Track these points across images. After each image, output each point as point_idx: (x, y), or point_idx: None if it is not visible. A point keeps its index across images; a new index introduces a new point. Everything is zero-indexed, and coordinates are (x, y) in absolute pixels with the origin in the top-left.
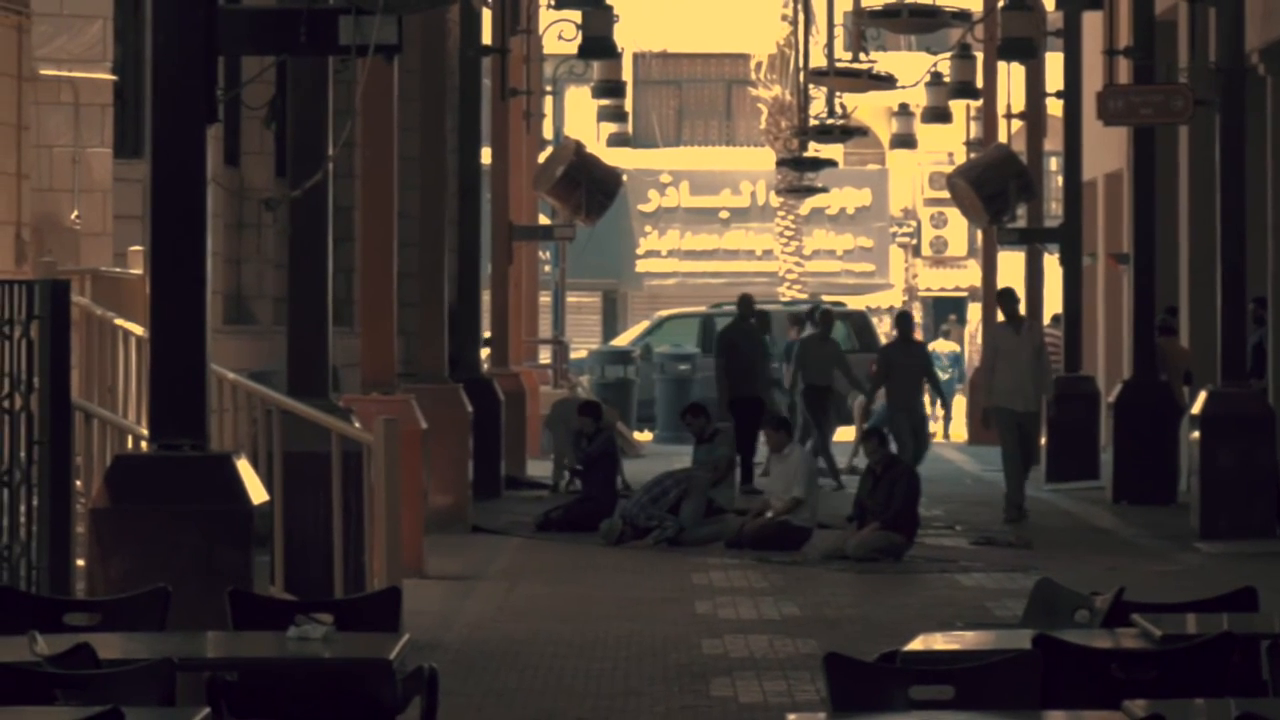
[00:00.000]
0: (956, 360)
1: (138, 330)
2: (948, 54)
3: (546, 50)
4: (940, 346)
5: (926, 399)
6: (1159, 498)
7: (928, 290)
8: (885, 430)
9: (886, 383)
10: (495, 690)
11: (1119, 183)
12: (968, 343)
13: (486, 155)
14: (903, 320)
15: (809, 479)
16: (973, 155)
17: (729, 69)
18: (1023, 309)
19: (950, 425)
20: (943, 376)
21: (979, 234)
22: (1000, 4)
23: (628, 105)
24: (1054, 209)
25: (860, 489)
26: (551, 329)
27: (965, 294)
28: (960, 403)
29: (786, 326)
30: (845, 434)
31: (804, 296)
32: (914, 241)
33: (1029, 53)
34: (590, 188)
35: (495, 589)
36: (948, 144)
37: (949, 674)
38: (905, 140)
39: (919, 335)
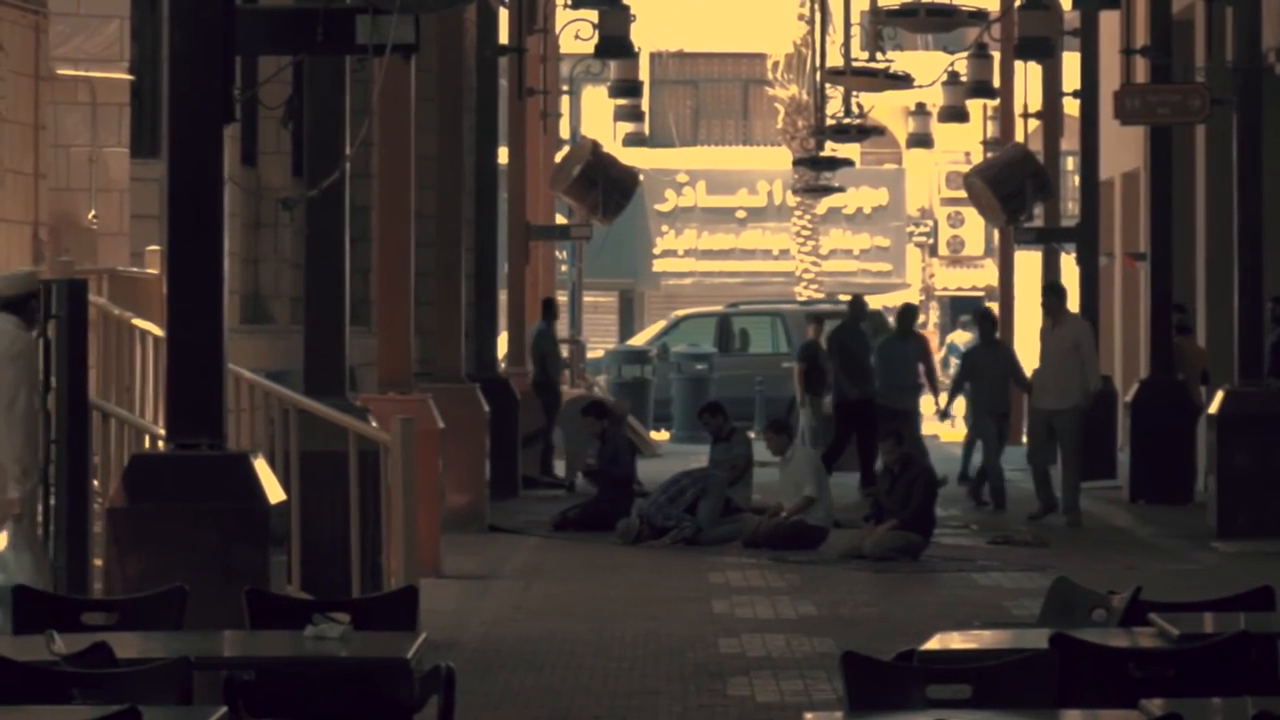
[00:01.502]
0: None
1: (155, 330)
2: (965, 53)
3: (563, 50)
4: (958, 338)
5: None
6: (1176, 497)
7: (944, 290)
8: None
9: (970, 386)
10: (512, 689)
11: (1136, 182)
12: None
13: (503, 155)
14: (985, 320)
15: (817, 477)
16: (990, 154)
17: (746, 68)
18: (1072, 304)
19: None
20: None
21: (996, 233)
22: (1017, 3)
23: (644, 105)
24: (1071, 208)
25: (878, 489)
26: (568, 328)
27: (982, 293)
28: None
29: (803, 327)
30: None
31: (820, 296)
32: (931, 241)
33: (1046, 52)
34: (607, 187)
35: (512, 588)
36: (964, 143)
37: (966, 673)
38: (922, 140)
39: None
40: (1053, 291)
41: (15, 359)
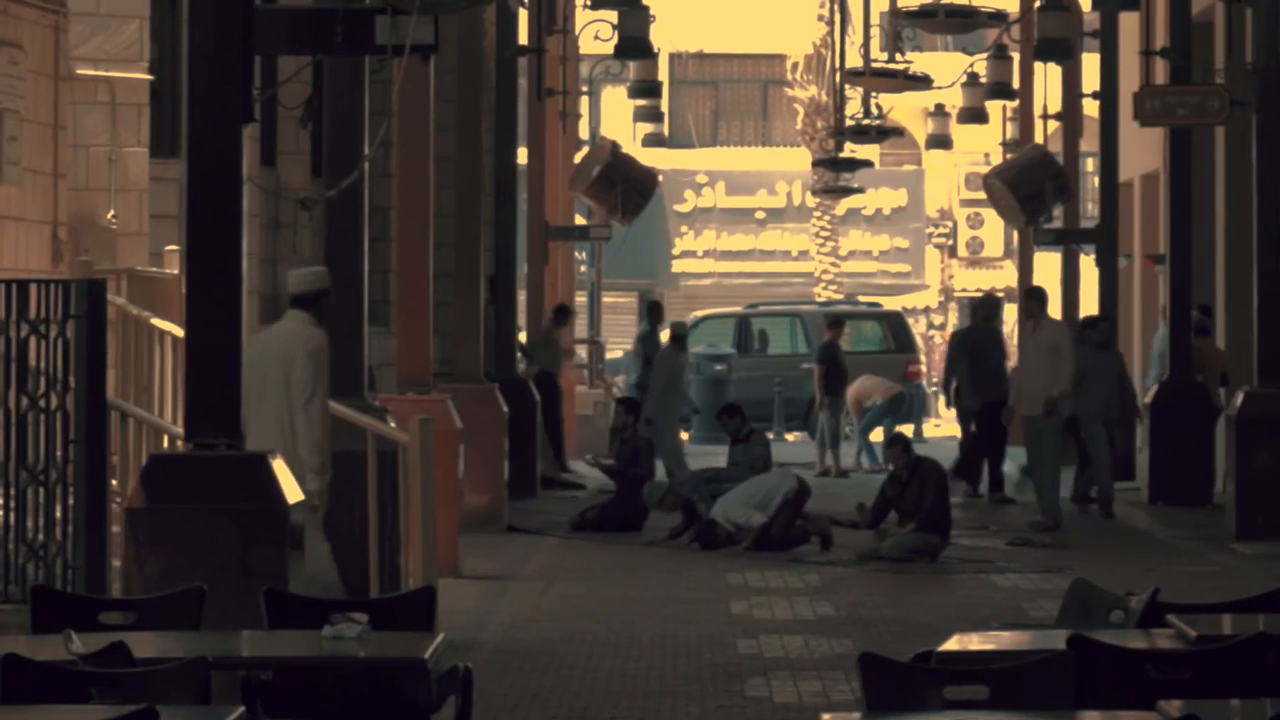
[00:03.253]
0: None
1: (174, 330)
2: (984, 54)
3: (583, 50)
4: None
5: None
6: (1195, 499)
7: (963, 291)
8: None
9: (1077, 392)
10: (530, 690)
11: (1155, 183)
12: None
13: (523, 155)
14: (1098, 324)
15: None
16: (1009, 156)
17: (765, 69)
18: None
19: None
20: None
21: (1015, 235)
22: (1037, 4)
23: (664, 105)
24: (1090, 210)
25: (882, 493)
26: (587, 329)
27: (1002, 295)
28: None
29: (822, 328)
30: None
31: (840, 297)
32: (950, 242)
33: (1065, 53)
34: (626, 188)
35: (530, 589)
36: (984, 144)
37: (984, 674)
38: (941, 141)
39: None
40: (1032, 295)
41: (312, 356)
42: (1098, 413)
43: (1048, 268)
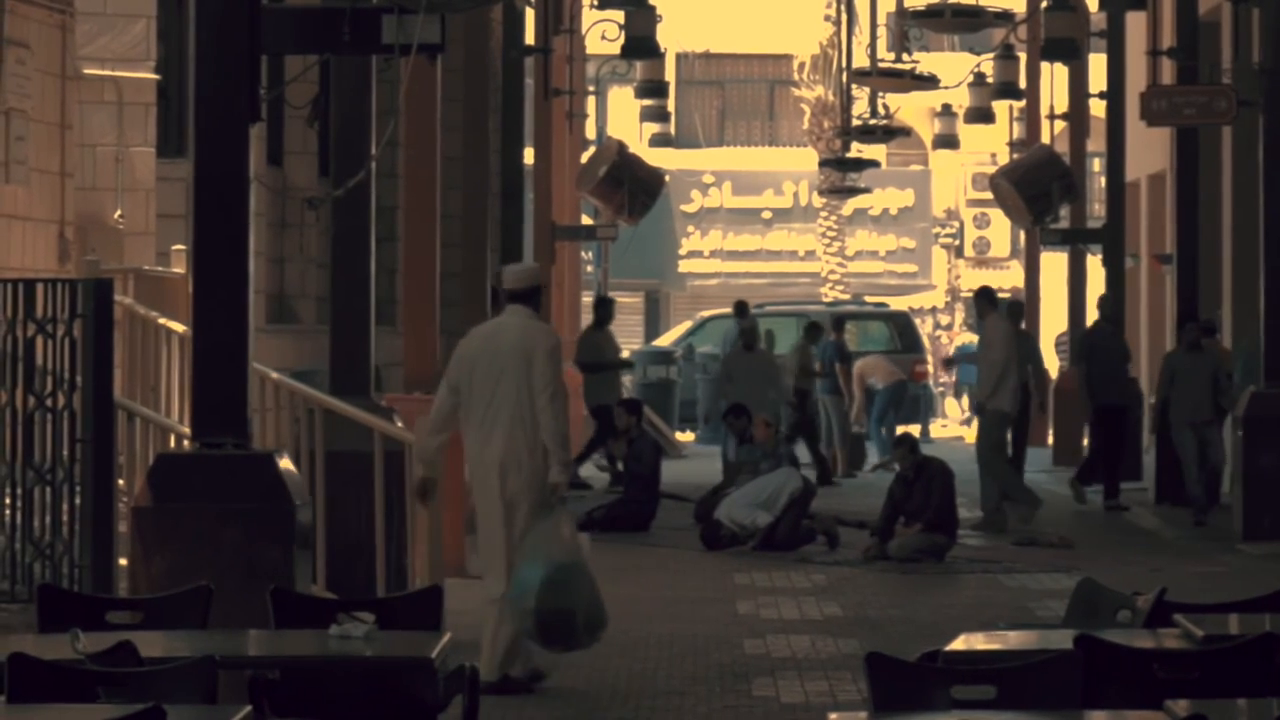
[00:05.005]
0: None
1: (180, 329)
2: (991, 54)
3: (589, 50)
4: (971, 339)
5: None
6: None
7: (970, 291)
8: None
9: (1169, 394)
10: (536, 690)
11: (1162, 183)
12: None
13: (529, 155)
14: (1185, 324)
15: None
16: (1016, 156)
17: (772, 69)
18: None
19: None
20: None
21: (1022, 235)
22: (1044, 4)
23: (670, 105)
24: (1097, 210)
25: (891, 495)
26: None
27: (1008, 295)
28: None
29: (827, 329)
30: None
31: (846, 297)
32: (957, 242)
33: (1072, 53)
34: (633, 188)
35: None
36: (990, 144)
37: (991, 674)
38: (948, 141)
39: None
40: (981, 295)
41: (552, 352)
42: (1184, 417)
43: (1054, 268)
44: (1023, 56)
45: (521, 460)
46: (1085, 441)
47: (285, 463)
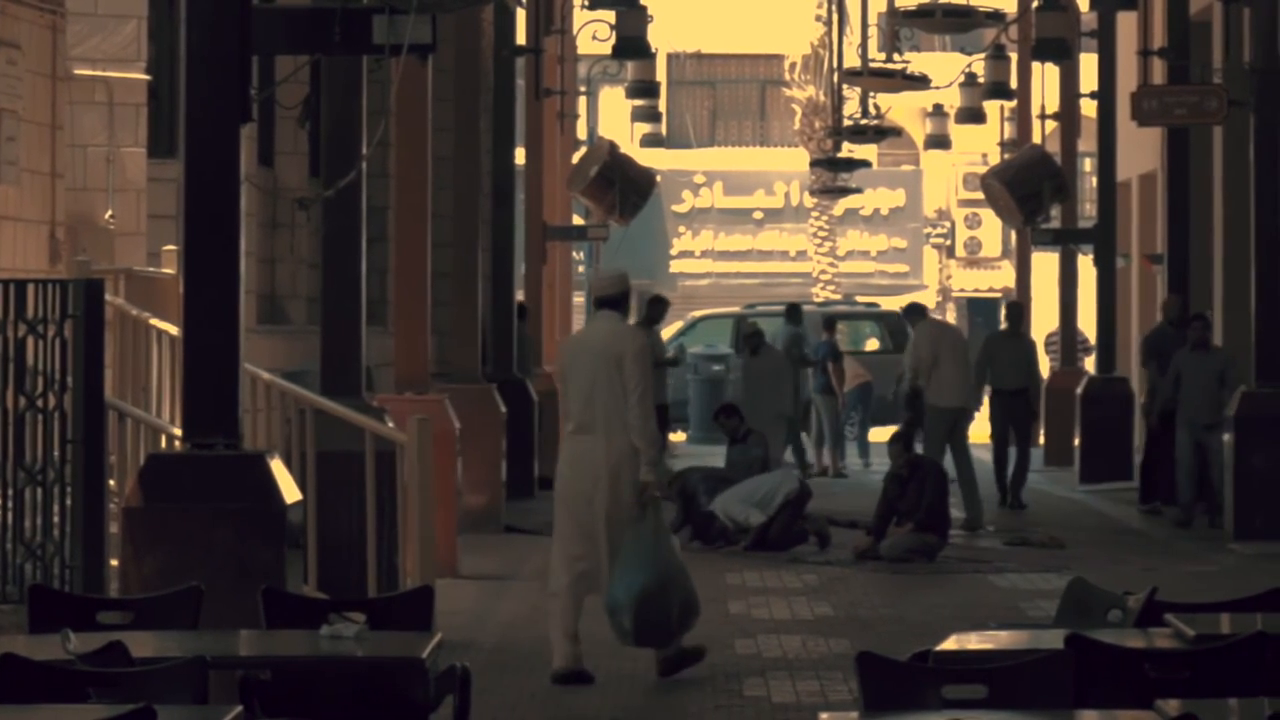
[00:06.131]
0: None
1: (171, 330)
2: (982, 54)
3: (581, 50)
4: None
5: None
6: None
7: (961, 291)
8: None
9: (1174, 394)
10: (528, 690)
11: (1153, 183)
12: None
13: (521, 155)
14: (1197, 322)
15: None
16: (1007, 156)
17: (763, 69)
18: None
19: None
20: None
21: (1013, 235)
22: (1035, 4)
23: (662, 106)
24: (1088, 210)
25: (885, 494)
26: None
27: (1000, 295)
28: None
29: (819, 328)
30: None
31: (838, 297)
32: (948, 242)
33: (1063, 53)
34: (624, 188)
35: (528, 589)
36: (982, 145)
37: (982, 673)
38: (939, 141)
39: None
40: (909, 309)
41: (640, 354)
42: (1186, 418)
43: (1045, 268)
44: (1014, 56)
45: (617, 462)
46: (1076, 442)
47: (276, 463)
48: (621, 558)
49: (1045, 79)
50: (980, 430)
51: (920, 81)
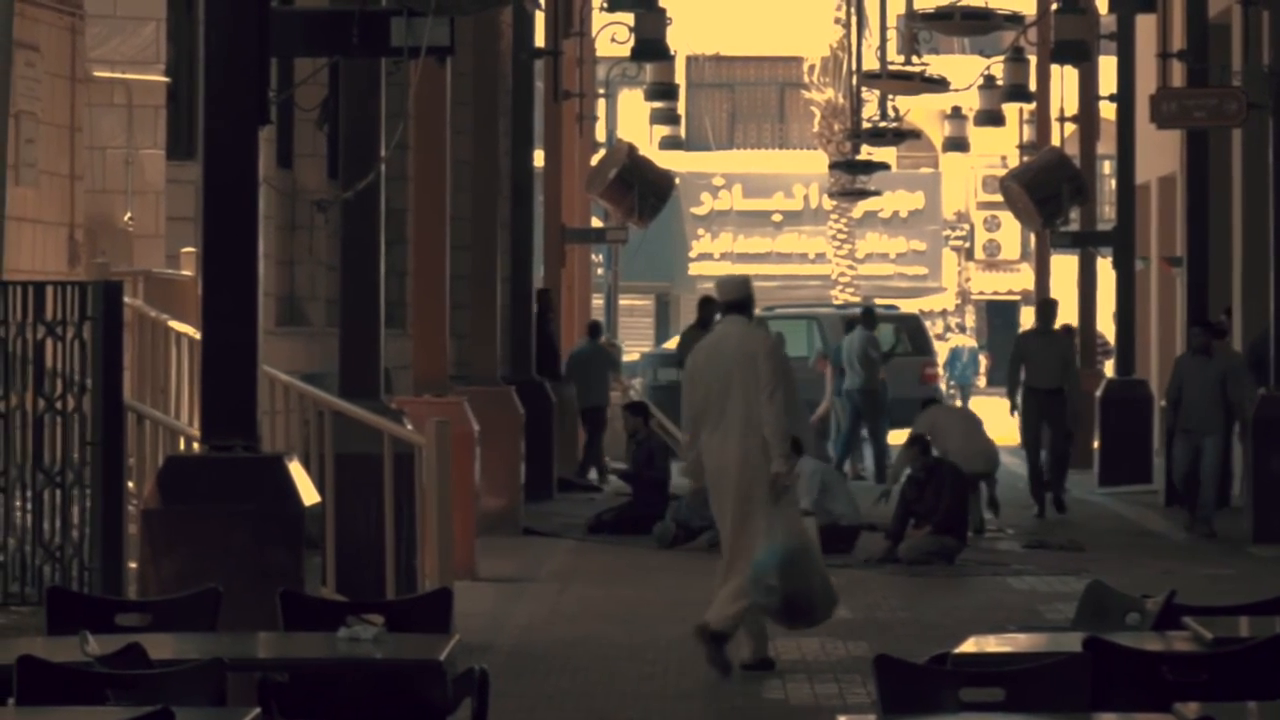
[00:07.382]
0: (974, 357)
1: (190, 331)
2: (1001, 57)
3: (599, 53)
4: (962, 341)
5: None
6: None
7: (980, 294)
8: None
9: (1177, 401)
10: (546, 692)
11: (1172, 186)
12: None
13: (539, 158)
14: (1205, 326)
15: (814, 488)
16: (1026, 158)
17: (782, 72)
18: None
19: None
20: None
21: (1032, 237)
22: (1053, 7)
23: (680, 108)
24: (1107, 212)
25: (903, 497)
26: (604, 332)
27: (1018, 297)
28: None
29: (839, 331)
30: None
31: (856, 300)
32: (967, 245)
33: (1082, 55)
34: (643, 190)
35: (547, 591)
36: (1000, 147)
37: (999, 676)
38: (958, 143)
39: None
40: (864, 311)
41: (772, 354)
42: (1184, 423)
43: (1064, 270)
44: (1033, 59)
45: (753, 460)
46: (1096, 444)
47: (295, 465)
48: (765, 533)
49: (1064, 81)
50: (1010, 432)
51: (939, 84)
